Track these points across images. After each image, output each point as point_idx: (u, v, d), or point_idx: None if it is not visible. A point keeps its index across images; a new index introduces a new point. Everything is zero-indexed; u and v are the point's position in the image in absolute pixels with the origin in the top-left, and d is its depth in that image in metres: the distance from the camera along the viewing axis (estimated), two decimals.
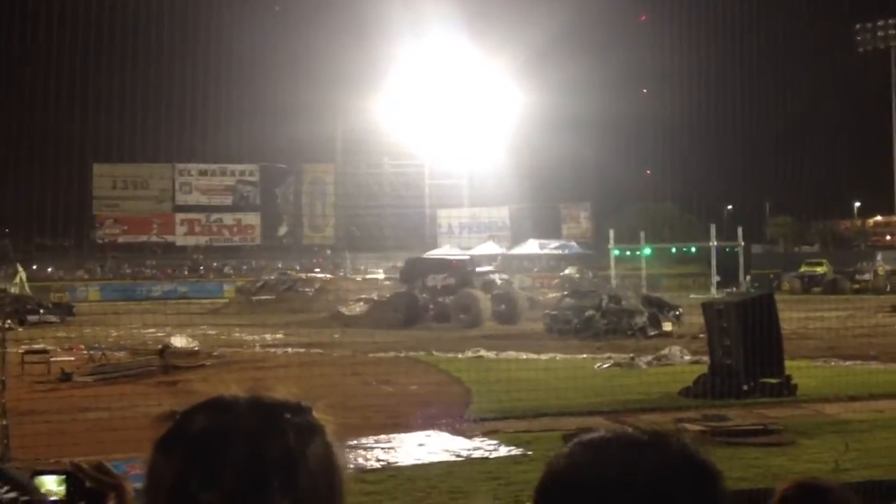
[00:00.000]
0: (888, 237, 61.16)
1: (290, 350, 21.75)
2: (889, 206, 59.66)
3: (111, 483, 1.68)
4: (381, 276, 46.82)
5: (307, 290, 39.47)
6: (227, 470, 0.97)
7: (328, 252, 63.08)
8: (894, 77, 58.36)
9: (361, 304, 33.94)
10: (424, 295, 29.57)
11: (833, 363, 17.37)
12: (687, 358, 17.44)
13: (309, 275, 44.56)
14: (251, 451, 0.99)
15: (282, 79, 61.28)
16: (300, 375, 16.55)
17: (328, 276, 44.73)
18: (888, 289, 41.78)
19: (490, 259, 47.33)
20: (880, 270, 46.94)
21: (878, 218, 65.26)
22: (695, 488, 0.97)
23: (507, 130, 64.30)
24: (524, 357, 19.28)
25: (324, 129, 61.56)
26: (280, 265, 55.29)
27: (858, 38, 59.32)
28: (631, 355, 18.24)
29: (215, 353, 19.31)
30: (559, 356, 19.25)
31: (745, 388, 13.34)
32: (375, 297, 34.48)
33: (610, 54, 63.94)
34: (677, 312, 24.89)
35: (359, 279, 45.88)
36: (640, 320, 24.00)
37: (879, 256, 51.00)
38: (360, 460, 9.75)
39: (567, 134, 61.36)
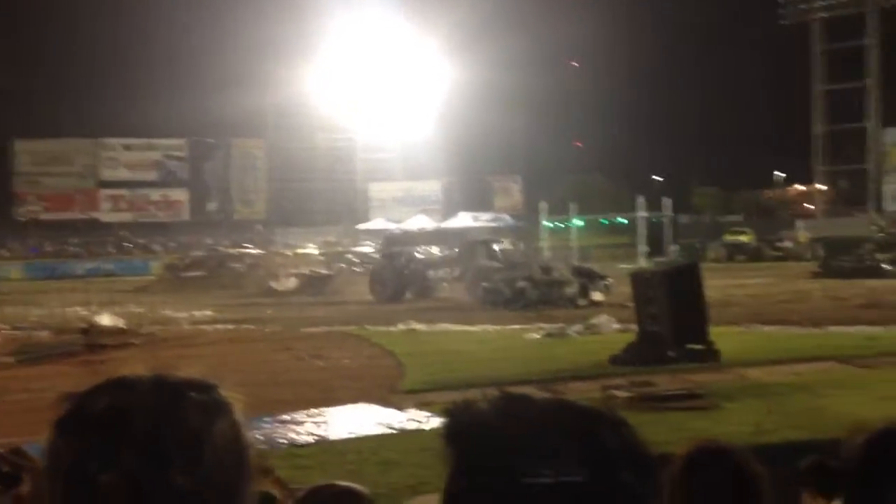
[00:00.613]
0: (808, 205, 62.97)
1: (220, 326, 21.49)
2: (810, 175, 61.40)
3: (27, 466, 1.67)
4: (313, 250, 46.48)
5: (238, 265, 39.03)
6: (127, 449, 0.96)
7: (259, 227, 62.28)
8: (815, 50, 59.76)
9: (293, 278, 33.75)
10: (405, 270, 28.44)
11: (755, 328, 17.88)
12: (616, 326, 17.73)
13: (239, 250, 43.99)
14: (152, 430, 0.97)
15: (211, 51, 60.10)
16: (230, 352, 16.43)
17: (259, 251, 44.23)
18: (809, 256, 43.06)
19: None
20: (801, 238, 48.35)
21: (799, 187, 67.14)
22: (638, 469, 0.91)
23: (437, 104, 64.19)
24: (456, 329, 19.40)
25: (254, 103, 60.54)
26: (209, 241, 54.46)
27: (781, 11, 60.55)
28: (561, 325, 18.49)
29: (143, 331, 18.98)
30: (491, 327, 19.42)
31: (671, 354, 13.66)
32: (307, 272, 34.30)
33: (538, 28, 64.26)
34: (606, 282, 25.29)
35: (290, 254, 45.47)
36: (571, 290, 24.36)
37: (801, 224, 52.51)
38: (292, 434, 9.74)
39: (497, 107, 61.55)
